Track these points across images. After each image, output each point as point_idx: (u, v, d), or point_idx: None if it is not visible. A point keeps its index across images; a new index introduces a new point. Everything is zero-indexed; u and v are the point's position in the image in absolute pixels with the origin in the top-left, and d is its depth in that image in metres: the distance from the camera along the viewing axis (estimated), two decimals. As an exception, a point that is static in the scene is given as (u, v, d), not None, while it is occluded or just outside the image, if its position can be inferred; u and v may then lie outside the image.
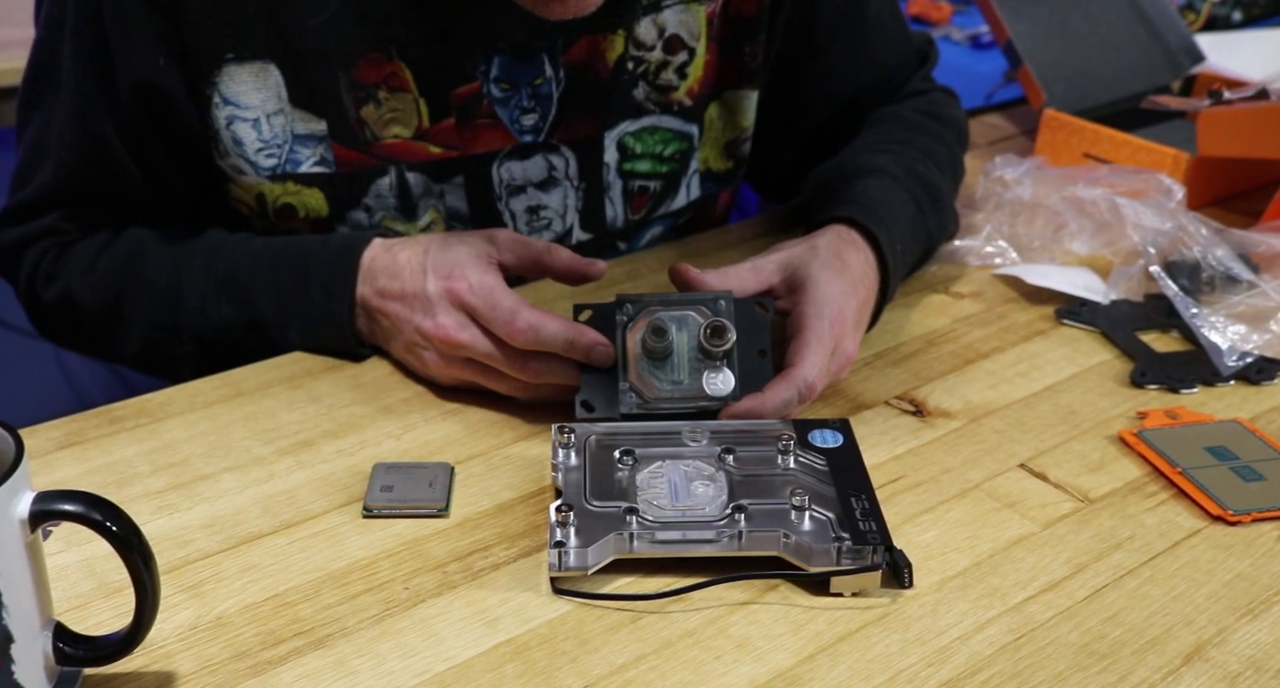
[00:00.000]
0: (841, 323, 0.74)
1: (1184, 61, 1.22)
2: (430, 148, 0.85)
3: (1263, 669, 0.57)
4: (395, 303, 0.76)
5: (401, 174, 0.85)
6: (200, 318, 0.82)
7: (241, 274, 0.81)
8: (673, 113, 0.92)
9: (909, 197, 0.86)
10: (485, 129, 0.86)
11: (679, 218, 0.98)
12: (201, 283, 0.82)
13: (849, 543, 0.60)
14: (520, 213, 0.89)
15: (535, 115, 0.86)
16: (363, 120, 0.83)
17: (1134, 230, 0.91)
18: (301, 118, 0.82)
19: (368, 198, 0.85)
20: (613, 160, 0.91)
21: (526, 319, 0.71)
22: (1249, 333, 0.82)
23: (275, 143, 0.82)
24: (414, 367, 0.78)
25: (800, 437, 0.68)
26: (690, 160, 0.95)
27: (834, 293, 0.74)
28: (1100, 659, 0.57)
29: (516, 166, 0.88)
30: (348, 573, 0.62)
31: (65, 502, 0.51)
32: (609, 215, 0.93)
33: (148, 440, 0.72)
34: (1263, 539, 0.65)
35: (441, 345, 0.74)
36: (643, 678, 0.56)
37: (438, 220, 0.87)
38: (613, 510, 0.62)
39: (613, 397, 0.72)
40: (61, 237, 0.87)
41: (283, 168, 0.83)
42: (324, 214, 0.85)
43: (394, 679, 0.56)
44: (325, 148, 0.83)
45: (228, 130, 0.81)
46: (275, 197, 0.84)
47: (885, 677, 0.56)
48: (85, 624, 0.58)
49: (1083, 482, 0.70)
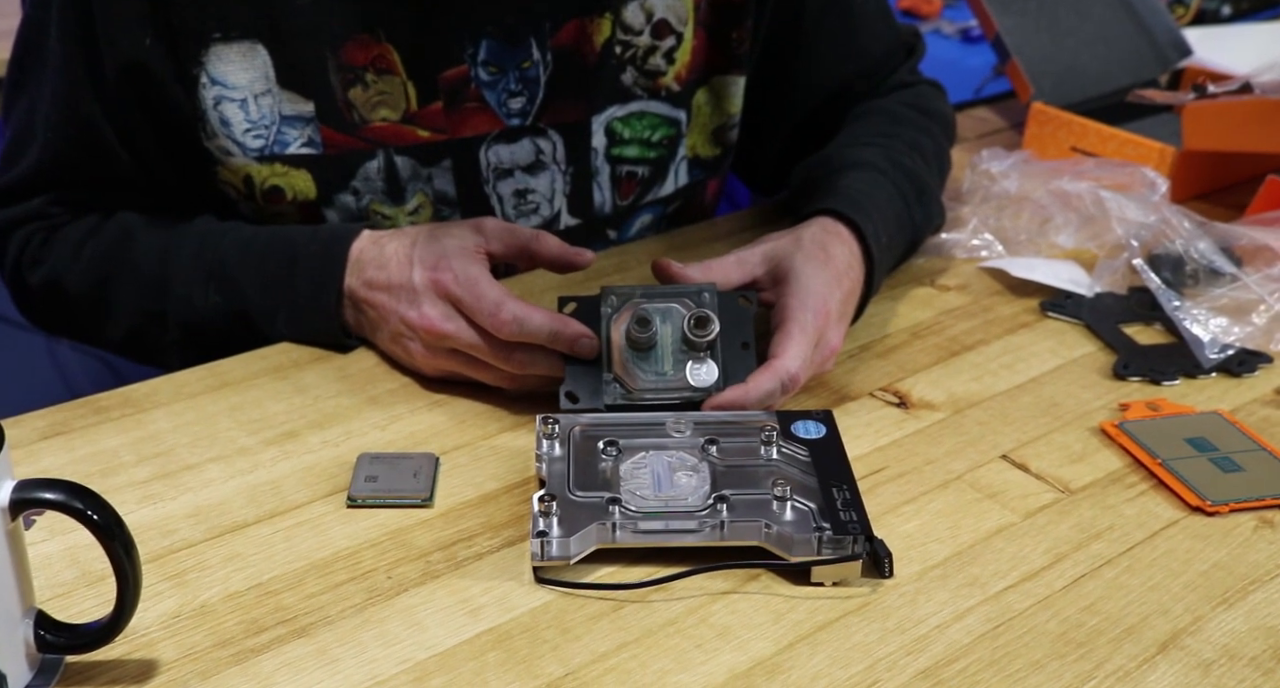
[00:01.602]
0: (825, 314, 0.74)
1: (1172, 56, 1.22)
2: (418, 131, 0.85)
3: (1236, 658, 0.57)
4: (381, 293, 0.76)
5: (390, 158, 0.85)
6: (187, 306, 0.82)
7: (230, 263, 0.81)
8: (660, 98, 0.92)
9: (894, 190, 0.86)
10: (473, 113, 0.86)
11: (668, 205, 0.99)
12: (189, 271, 0.82)
13: (830, 533, 0.61)
14: (508, 196, 0.90)
15: (523, 99, 0.87)
16: (350, 103, 0.83)
17: (1118, 224, 0.91)
18: (289, 99, 0.82)
19: (355, 181, 0.85)
20: (600, 145, 0.91)
21: (511, 310, 0.71)
22: (1230, 326, 0.83)
23: (263, 124, 0.82)
24: (399, 357, 0.78)
25: (783, 428, 0.68)
26: (678, 146, 0.95)
27: (818, 285, 0.74)
28: (1077, 648, 0.58)
29: (504, 150, 0.88)
30: (331, 563, 0.62)
31: (46, 490, 0.51)
32: (597, 201, 0.93)
33: (133, 430, 0.73)
34: (1240, 530, 0.66)
35: (426, 336, 0.74)
36: (624, 666, 0.56)
37: (425, 204, 0.88)
38: (596, 501, 0.63)
39: (597, 387, 0.72)
40: (48, 220, 0.87)
41: (270, 149, 0.83)
42: (311, 197, 0.85)
43: (376, 668, 0.56)
44: (313, 129, 0.83)
45: (215, 111, 0.81)
46: (263, 178, 0.84)
47: (864, 665, 0.57)
48: (68, 613, 0.58)
49: (1064, 473, 0.70)
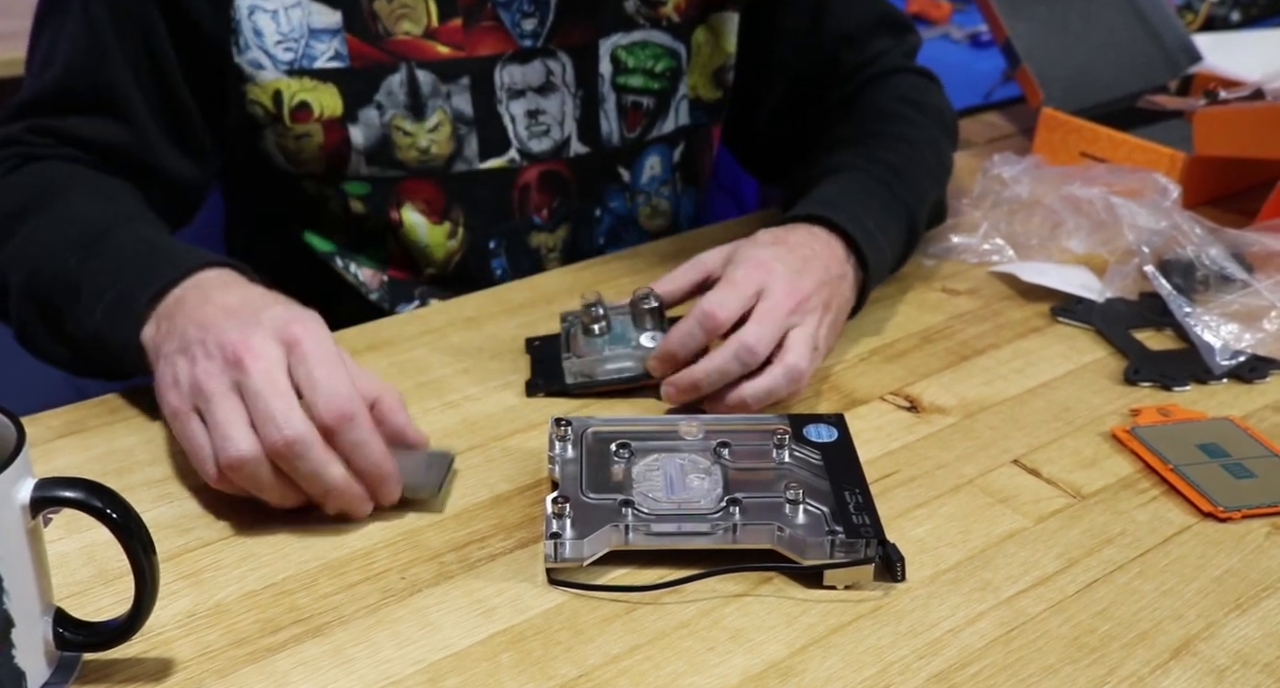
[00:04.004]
0: (762, 268, 0.74)
1: (1182, 61, 1.23)
2: (439, 47, 0.88)
3: (1250, 664, 0.57)
4: (213, 307, 0.65)
5: (411, 72, 0.88)
6: (44, 251, 0.74)
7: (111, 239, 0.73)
8: (662, 28, 0.95)
9: (872, 181, 0.87)
10: (489, 32, 0.89)
11: (673, 147, 1.01)
12: (76, 230, 0.74)
13: (842, 537, 0.61)
14: (520, 116, 0.92)
15: (535, 20, 0.90)
16: (375, 14, 0.86)
17: (1129, 229, 0.91)
18: (319, 10, 0.84)
19: (379, 95, 0.88)
20: (607, 72, 0.94)
21: (297, 428, 0.60)
22: (1242, 332, 0.83)
23: (293, 37, 0.84)
24: (162, 379, 0.65)
25: (795, 431, 0.68)
26: (679, 81, 0.98)
27: (757, 252, 0.76)
28: (1090, 653, 0.58)
29: (517, 70, 0.91)
30: (345, 563, 0.63)
31: (66, 489, 0.51)
32: (604, 130, 0.96)
33: (148, 430, 0.73)
34: (1252, 536, 0.66)
35: (228, 358, 0.62)
36: (637, 668, 0.57)
37: (445, 121, 0.90)
38: (608, 503, 0.63)
39: (558, 372, 0.77)
40: (22, 147, 0.83)
41: (299, 62, 0.85)
42: (338, 114, 0.87)
43: (390, 668, 0.56)
44: (340, 42, 0.85)
45: (249, 20, 0.83)
46: (292, 93, 0.85)
47: (877, 668, 0.57)
48: (85, 610, 0.58)
49: (1075, 478, 0.70)
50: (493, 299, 0.89)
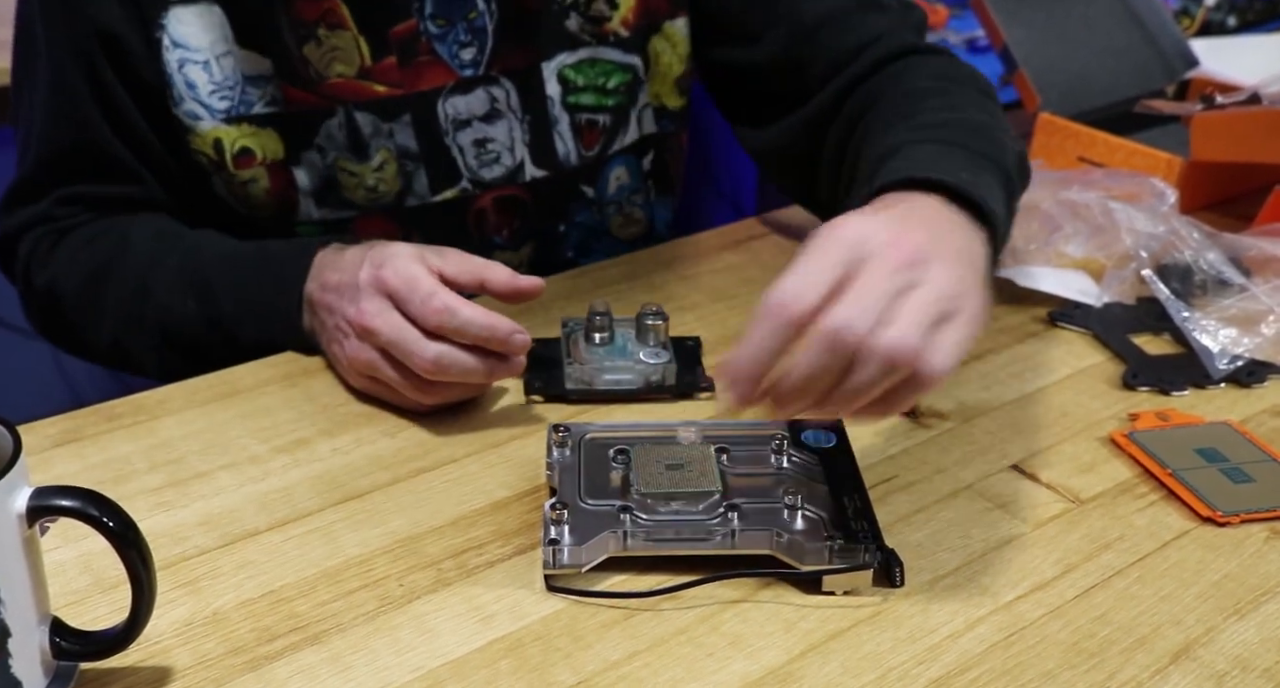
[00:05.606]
0: (843, 231, 0.57)
1: (1178, 66, 1.23)
2: (375, 87, 0.87)
3: (1249, 669, 0.57)
4: (332, 294, 0.76)
5: (350, 114, 0.87)
6: (166, 313, 0.82)
7: (208, 271, 0.82)
8: (609, 44, 0.94)
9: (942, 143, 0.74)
10: (427, 66, 0.88)
11: (640, 156, 1.00)
12: (172, 278, 0.82)
13: (841, 542, 0.61)
14: (468, 146, 0.91)
15: (473, 49, 0.89)
16: (306, 59, 0.85)
17: (1127, 234, 0.91)
18: (249, 58, 0.84)
19: (319, 138, 0.87)
20: (556, 93, 0.93)
21: (443, 300, 0.70)
22: (1240, 336, 0.83)
23: (227, 85, 0.84)
24: (335, 361, 0.77)
25: (794, 437, 0.68)
26: (638, 93, 0.97)
27: (836, 224, 0.58)
28: (1089, 658, 0.58)
29: (460, 101, 0.90)
30: (343, 570, 0.63)
31: (62, 497, 0.51)
32: (560, 151, 0.95)
33: (145, 438, 0.73)
34: (1251, 540, 0.66)
35: (358, 331, 0.73)
36: (635, 675, 0.56)
37: (390, 159, 0.89)
38: (607, 509, 0.63)
39: (558, 377, 0.77)
40: (57, 223, 0.88)
41: (236, 109, 0.85)
42: (280, 157, 0.87)
43: (389, 675, 0.56)
44: (274, 88, 0.85)
45: (180, 74, 0.83)
46: (233, 140, 0.85)
47: (876, 674, 0.57)
48: (82, 619, 0.58)
49: (1074, 483, 0.70)
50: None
